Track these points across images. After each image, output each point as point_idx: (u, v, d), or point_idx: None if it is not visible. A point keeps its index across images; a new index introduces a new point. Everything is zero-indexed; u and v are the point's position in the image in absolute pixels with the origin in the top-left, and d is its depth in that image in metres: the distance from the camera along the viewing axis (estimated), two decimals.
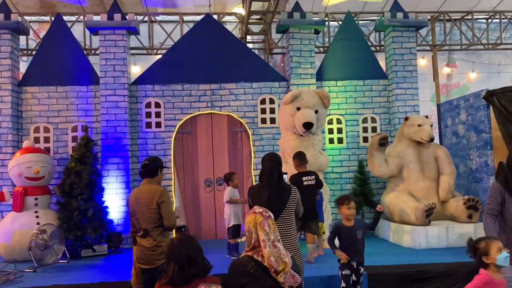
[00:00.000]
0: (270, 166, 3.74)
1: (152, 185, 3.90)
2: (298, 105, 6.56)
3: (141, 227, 3.82)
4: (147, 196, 3.81)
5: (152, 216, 3.77)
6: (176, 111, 7.78)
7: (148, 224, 3.79)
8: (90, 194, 6.63)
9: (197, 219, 7.71)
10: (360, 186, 7.67)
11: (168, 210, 3.79)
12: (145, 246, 3.76)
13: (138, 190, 3.94)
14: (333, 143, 8.05)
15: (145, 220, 3.79)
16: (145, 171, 3.93)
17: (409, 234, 6.45)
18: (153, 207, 3.76)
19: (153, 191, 3.83)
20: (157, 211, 3.76)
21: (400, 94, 8.02)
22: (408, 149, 7.09)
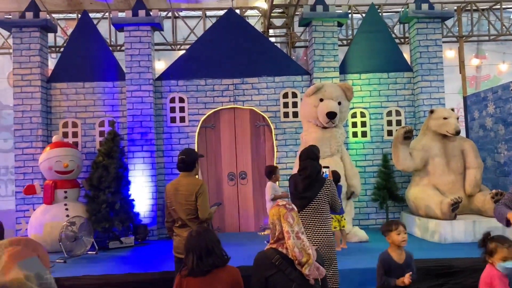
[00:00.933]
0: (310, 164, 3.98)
1: (192, 178, 4.04)
2: (321, 97, 6.54)
3: (179, 218, 3.96)
4: (186, 188, 3.93)
5: (191, 208, 3.90)
6: (199, 106, 7.85)
7: (186, 216, 3.91)
8: (117, 187, 6.78)
9: (220, 212, 7.79)
10: (384, 180, 7.61)
11: (204, 203, 3.91)
12: (183, 236, 3.81)
13: (177, 181, 4.05)
14: (357, 136, 7.99)
15: (183, 211, 3.92)
16: (183, 166, 4.03)
17: (434, 228, 6.37)
18: (192, 199, 3.89)
19: (192, 184, 3.96)
20: (195, 203, 3.89)
21: (425, 87, 7.89)
22: (434, 142, 6.98)
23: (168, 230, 4.17)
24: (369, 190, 7.73)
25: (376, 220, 7.85)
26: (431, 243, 6.29)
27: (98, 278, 4.98)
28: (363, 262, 5.22)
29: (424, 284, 5.11)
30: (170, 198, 4.00)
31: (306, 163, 4.04)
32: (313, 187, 3.89)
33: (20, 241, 1.40)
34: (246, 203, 7.85)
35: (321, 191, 3.88)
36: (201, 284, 2.58)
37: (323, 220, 3.82)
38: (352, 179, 6.60)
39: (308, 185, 3.90)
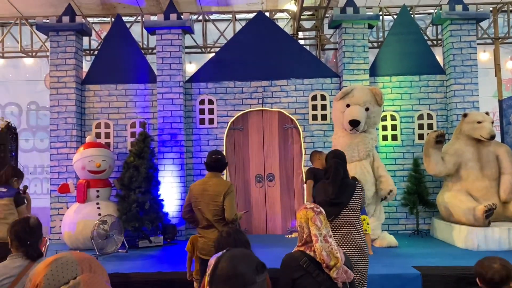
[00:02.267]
0: (335, 164, 3.82)
1: (220, 179, 4.04)
2: (348, 102, 6.47)
3: (205, 219, 3.94)
4: (214, 189, 3.92)
5: (218, 209, 3.88)
6: (228, 108, 7.91)
7: (213, 216, 3.90)
8: (148, 187, 6.91)
9: (248, 214, 7.80)
10: (415, 184, 7.46)
11: (231, 203, 3.90)
12: (209, 237, 3.83)
13: (204, 182, 4.02)
14: (387, 140, 7.87)
15: (209, 212, 3.90)
16: (217, 165, 4.02)
17: (466, 235, 6.21)
18: (220, 200, 3.88)
19: (221, 185, 3.96)
20: (222, 204, 3.88)
21: (459, 90, 7.70)
22: (467, 147, 6.80)
23: (187, 220, 4.18)
24: (399, 195, 7.58)
25: (406, 226, 7.71)
26: (463, 250, 6.13)
27: (127, 276, 5.09)
28: (392, 268, 5.14)
29: None
30: (196, 198, 3.97)
31: (331, 162, 3.85)
32: (345, 192, 3.72)
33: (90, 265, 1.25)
34: (274, 205, 7.85)
35: (354, 195, 3.73)
36: None
37: (357, 225, 3.73)
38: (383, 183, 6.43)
39: (339, 188, 3.73)
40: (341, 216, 3.66)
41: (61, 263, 1.19)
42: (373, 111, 6.54)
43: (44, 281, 1.15)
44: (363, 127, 6.46)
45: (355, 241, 3.63)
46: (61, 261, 1.20)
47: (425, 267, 5.15)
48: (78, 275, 1.18)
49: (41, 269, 1.19)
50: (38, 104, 10.39)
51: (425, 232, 7.40)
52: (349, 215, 3.68)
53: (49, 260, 1.21)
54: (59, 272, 1.17)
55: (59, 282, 1.16)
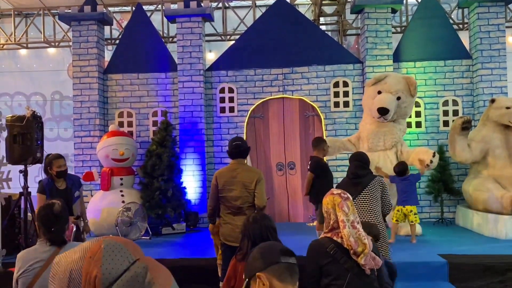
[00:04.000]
0: (354, 166, 3.96)
1: (248, 166, 4.11)
2: (380, 89, 6.33)
3: (233, 206, 3.92)
4: (245, 176, 3.91)
5: (249, 196, 3.89)
6: (248, 96, 7.88)
7: (243, 203, 3.90)
8: (170, 175, 6.96)
9: (270, 202, 7.75)
10: (439, 172, 7.30)
11: (262, 190, 3.92)
12: (236, 224, 3.80)
13: (232, 169, 3.99)
14: (411, 127, 7.71)
15: (240, 198, 3.90)
16: (239, 151, 4.00)
17: (494, 223, 6.06)
18: (251, 187, 3.88)
19: (252, 172, 3.98)
20: (254, 191, 3.89)
21: (486, 75, 7.47)
22: (494, 133, 6.62)
23: (210, 216, 4.09)
24: (423, 182, 7.45)
25: (430, 214, 7.58)
26: (490, 239, 6.00)
27: None
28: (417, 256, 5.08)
29: (483, 281, 4.89)
30: (224, 185, 3.94)
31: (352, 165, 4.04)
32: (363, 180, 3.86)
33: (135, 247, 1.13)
34: (295, 193, 7.82)
35: (371, 184, 3.85)
36: None
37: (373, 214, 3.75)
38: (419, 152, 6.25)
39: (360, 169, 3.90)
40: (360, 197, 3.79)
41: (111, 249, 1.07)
42: (405, 101, 6.37)
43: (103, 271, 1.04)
44: (392, 117, 6.31)
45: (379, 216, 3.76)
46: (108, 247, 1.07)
47: (451, 255, 5.06)
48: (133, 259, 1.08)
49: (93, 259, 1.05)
50: (62, 94, 10.56)
51: (449, 220, 7.28)
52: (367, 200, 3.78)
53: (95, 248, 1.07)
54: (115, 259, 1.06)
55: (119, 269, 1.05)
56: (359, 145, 6.57)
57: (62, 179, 4.64)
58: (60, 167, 4.57)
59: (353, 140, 6.69)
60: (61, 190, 4.60)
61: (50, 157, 4.65)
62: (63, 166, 4.60)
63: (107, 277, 1.03)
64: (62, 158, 4.66)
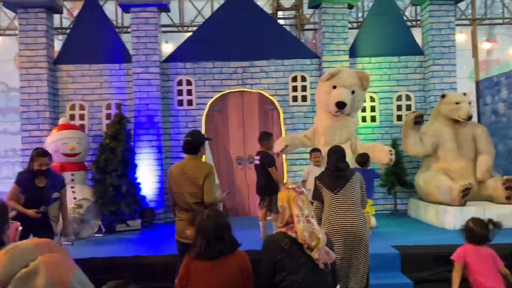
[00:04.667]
0: (335, 159, 3.93)
1: (199, 161, 3.96)
2: (335, 84, 6.40)
3: (184, 202, 3.86)
4: (194, 171, 3.83)
5: (198, 192, 3.81)
6: (207, 89, 7.77)
7: (192, 199, 3.83)
8: (124, 170, 6.76)
9: (231, 196, 7.74)
10: (393, 165, 7.43)
11: (210, 186, 3.83)
12: (187, 221, 3.75)
13: (183, 164, 3.93)
14: (366, 121, 7.88)
15: (189, 195, 3.83)
16: (188, 148, 3.94)
17: (444, 214, 6.30)
18: (200, 183, 3.80)
19: (201, 167, 3.88)
20: (203, 186, 3.81)
21: (437, 71, 7.73)
22: (445, 127, 6.87)
23: (174, 214, 4.08)
24: None
25: (384, 206, 7.79)
26: (441, 230, 6.23)
27: (105, 260, 4.98)
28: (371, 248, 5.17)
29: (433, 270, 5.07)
30: (176, 181, 3.89)
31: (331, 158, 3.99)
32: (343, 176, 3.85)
33: (49, 247, 1.24)
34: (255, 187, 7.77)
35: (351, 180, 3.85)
36: (209, 268, 2.54)
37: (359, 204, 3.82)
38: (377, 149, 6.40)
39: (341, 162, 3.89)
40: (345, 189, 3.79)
41: (19, 249, 1.18)
42: (358, 94, 6.50)
43: (2, 268, 1.14)
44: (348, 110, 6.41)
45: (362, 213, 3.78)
46: (19, 247, 1.18)
47: (403, 246, 5.21)
48: (37, 257, 1.17)
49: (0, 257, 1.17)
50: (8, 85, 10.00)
51: (402, 212, 7.51)
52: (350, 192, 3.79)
53: (7, 248, 1.19)
54: (16, 257, 1.16)
55: (18, 266, 1.14)
56: (314, 140, 6.63)
57: (43, 176, 4.36)
58: (41, 166, 4.31)
59: (309, 135, 6.74)
60: (38, 187, 4.33)
61: (34, 153, 4.38)
62: (44, 166, 4.32)
63: (9, 274, 1.14)
64: (46, 157, 4.37)
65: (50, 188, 4.38)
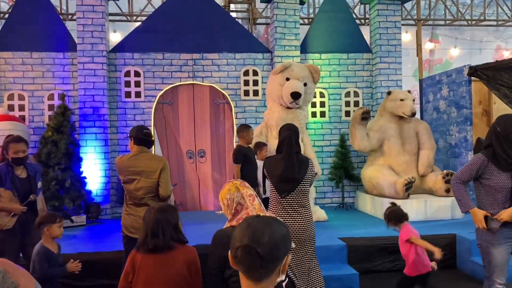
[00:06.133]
0: (289, 136, 3.71)
1: (152, 154, 3.91)
2: (288, 76, 6.45)
3: (136, 196, 3.77)
4: (148, 164, 3.76)
5: (152, 186, 3.74)
6: (156, 81, 7.61)
7: (146, 193, 3.76)
8: (68, 164, 6.51)
9: (181, 190, 7.67)
10: (341, 159, 7.73)
11: (167, 179, 3.77)
12: (139, 215, 3.63)
13: (135, 157, 3.82)
14: (316, 116, 8.04)
15: (142, 188, 3.75)
16: (148, 140, 3.87)
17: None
18: (155, 176, 3.73)
19: (156, 160, 3.82)
20: (158, 180, 3.74)
21: (384, 69, 8.01)
22: (390, 123, 7.13)
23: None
24: (326, 169, 7.84)
25: (332, 199, 8.01)
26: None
27: None
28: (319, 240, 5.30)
29: (377, 261, 5.28)
30: (129, 174, 3.78)
31: (285, 135, 3.71)
32: (300, 168, 3.66)
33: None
34: (205, 181, 7.76)
35: (308, 172, 3.70)
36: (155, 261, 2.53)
37: (308, 201, 3.73)
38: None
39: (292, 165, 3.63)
40: (295, 192, 3.65)
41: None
42: (310, 87, 6.59)
43: None
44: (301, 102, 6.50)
45: (307, 216, 3.69)
46: None
47: (349, 238, 5.38)
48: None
49: None
50: None
51: (349, 205, 7.75)
52: (303, 191, 3.69)
53: None
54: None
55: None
56: (267, 134, 6.67)
57: (21, 166, 3.90)
58: (17, 153, 3.82)
59: (263, 131, 6.76)
60: (22, 179, 3.88)
61: (7, 139, 3.91)
62: (21, 153, 3.84)
63: None
64: (21, 142, 3.89)
65: (34, 177, 3.95)
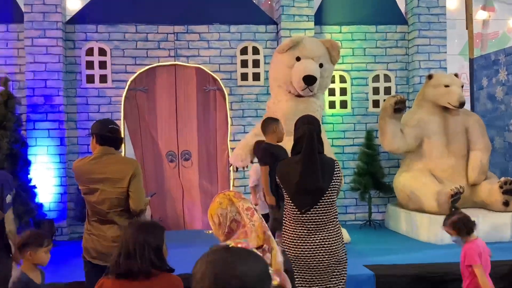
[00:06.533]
0: (309, 132, 3.71)
1: (120, 156, 3.90)
2: (299, 54, 6.44)
3: (98, 210, 3.76)
4: (114, 169, 3.73)
5: (119, 197, 3.72)
6: (127, 61, 7.63)
7: (112, 207, 3.73)
8: (12, 169, 6.49)
9: (161, 203, 7.65)
10: (367, 164, 7.69)
11: (139, 189, 3.75)
12: (105, 235, 3.68)
13: (97, 160, 3.81)
14: (334, 107, 8.03)
15: (107, 201, 3.73)
16: (115, 138, 3.86)
17: (428, 225, 6.55)
18: (123, 185, 3.70)
19: (124, 163, 3.81)
20: (127, 190, 3.72)
21: (423, 45, 7.99)
22: (431, 116, 7.12)
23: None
24: (348, 176, 7.80)
25: (356, 215, 8.00)
26: (424, 244, 6.48)
27: None
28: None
29: None
30: (89, 184, 3.77)
31: (304, 131, 3.70)
32: (324, 173, 3.64)
33: None
34: (191, 192, 7.76)
35: (334, 178, 3.68)
36: None
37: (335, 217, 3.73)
38: None
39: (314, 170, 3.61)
40: (319, 205, 3.64)
41: None
42: (327, 69, 6.57)
43: None
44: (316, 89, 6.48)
45: (336, 234, 3.69)
46: None
47: (379, 266, 5.36)
48: None
49: None
50: None
51: (378, 222, 7.73)
52: (329, 204, 3.67)
53: None
54: None
55: None
56: None
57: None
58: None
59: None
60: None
61: None
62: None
63: None
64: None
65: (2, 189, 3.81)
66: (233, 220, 2.64)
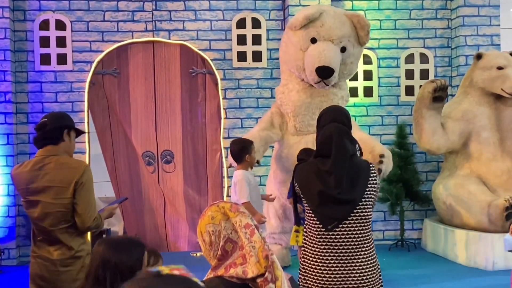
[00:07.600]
0: (338, 131, 3.70)
1: (65, 158, 3.84)
2: (314, 35, 6.40)
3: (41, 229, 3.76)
4: (55, 174, 3.73)
5: (64, 211, 3.71)
6: (92, 37, 7.68)
7: (56, 223, 3.73)
8: None
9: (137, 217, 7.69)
10: (399, 167, 7.66)
11: (87, 201, 3.75)
12: (50, 258, 3.68)
13: (35, 164, 3.81)
14: (357, 96, 8.03)
15: (50, 216, 3.72)
16: (43, 135, 3.83)
17: (477, 245, 6.52)
18: (67, 195, 3.70)
19: (68, 167, 3.79)
20: (72, 201, 3.72)
21: (470, 16, 7.98)
22: (480, 107, 7.11)
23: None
24: None
25: (384, 233, 7.99)
26: (471, 270, 6.45)
27: None
28: None
29: None
30: (25, 192, 3.80)
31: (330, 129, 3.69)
32: (357, 181, 3.64)
33: None
34: (175, 203, 7.79)
35: (369, 186, 3.67)
36: None
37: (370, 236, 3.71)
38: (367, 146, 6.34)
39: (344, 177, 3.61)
40: (349, 221, 3.62)
41: None
42: (352, 53, 6.51)
43: None
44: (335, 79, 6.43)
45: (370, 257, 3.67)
46: None
47: None
48: None
49: None
50: None
51: (413, 242, 7.71)
52: (364, 218, 3.66)
53: None
54: None
55: None
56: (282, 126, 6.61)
57: None
58: None
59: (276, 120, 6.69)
60: None
61: None
62: None
63: None
64: None
65: None
66: (227, 239, 2.61)
